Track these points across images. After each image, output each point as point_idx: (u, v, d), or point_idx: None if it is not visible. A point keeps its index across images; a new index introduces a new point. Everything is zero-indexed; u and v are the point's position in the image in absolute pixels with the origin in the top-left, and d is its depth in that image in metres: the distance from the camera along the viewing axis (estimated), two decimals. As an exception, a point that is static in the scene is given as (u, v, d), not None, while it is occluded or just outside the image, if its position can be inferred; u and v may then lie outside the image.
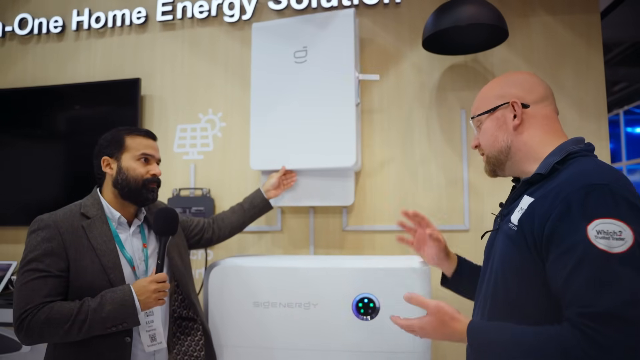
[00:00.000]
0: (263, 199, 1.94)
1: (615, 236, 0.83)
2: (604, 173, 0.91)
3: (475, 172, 2.12)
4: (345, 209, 2.19)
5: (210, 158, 2.34)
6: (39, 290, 1.30)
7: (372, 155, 2.20)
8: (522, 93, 1.08)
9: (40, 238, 1.35)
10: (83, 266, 1.36)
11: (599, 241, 0.83)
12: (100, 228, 1.42)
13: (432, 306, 1.07)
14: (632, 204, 0.86)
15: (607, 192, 0.86)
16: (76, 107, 2.46)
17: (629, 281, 0.81)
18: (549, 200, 0.92)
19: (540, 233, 0.92)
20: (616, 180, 0.89)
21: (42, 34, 2.59)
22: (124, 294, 1.34)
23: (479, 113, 1.13)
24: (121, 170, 1.46)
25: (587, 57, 2.10)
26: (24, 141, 2.54)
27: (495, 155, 1.10)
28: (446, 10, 1.86)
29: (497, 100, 1.10)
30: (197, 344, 1.62)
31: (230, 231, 1.91)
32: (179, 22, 2.44)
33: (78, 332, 1.29)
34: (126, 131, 1.51)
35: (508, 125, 1.07)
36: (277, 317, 1.75)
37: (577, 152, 0.99)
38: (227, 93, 2.35)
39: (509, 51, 2.13)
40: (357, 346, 1.69)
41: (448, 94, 2.17)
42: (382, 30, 2.24)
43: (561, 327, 0.86)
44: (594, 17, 2.10)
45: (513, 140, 1.07)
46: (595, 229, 0.84)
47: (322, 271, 1.76)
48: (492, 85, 1.15)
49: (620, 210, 0.85)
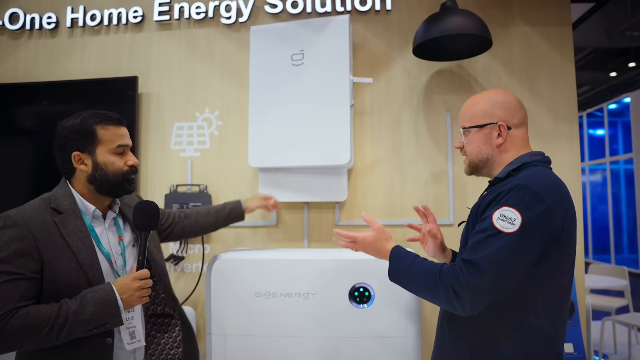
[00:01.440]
0: (240, 213, 1.91)
1: (510, 221, 1.13)
2: (533, 178, 1.19)
3: (459, 171, 2.27)
4: (338, 205, 2.32)
5: (207, 155, 2.42)
6: (10, 294, 1.18)
7: (364, 154, 2.33)
8: (507, 116, 1.31)
9: (7, 237, 1.22)
10: (58, 266, 1.25)
11: (499, 222, 1.14)
12: (75, 223, 1.31)
13: (377, 226, 1.40)
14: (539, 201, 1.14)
15: (523, 190, 1.15)
16: (71, 104, 2.49)
17: (497, 249, 1.12)
18: (493, 193, 1.21)
19: (480, 215, 1.22)
20: (538, 184, 1.16)
21: (34, 30, 2.59)
22: (106, 294, 1.25)
23: (469, 126, 1.35)
24: (98, 167, 1.34)
25: (560, 65, 2.28)
26: (16, 136, 2.55)
27: (476, 162, 1.35)
28: (436, 20, 2.01)
29: (485, 118, 1.32)
30: (175, 341, 1.54)
31: (201, 232, 1.89)
32: (176, 23, 2.50)
33: (57, 336, 1.19)
34: (95, 120, 1.36)
35: (492, 142, 1.31)
36: (277, 307, 1.84)
37: (530, 162, 1.26)
38: (224, 93, 2.43)
39: (491, 58, 2.30)
40: (354, 332, 1.81)
41: (434, 97, 2.32)
42: (373, 36, 2.37)
43: (448, 265, 1.20)
44: (567, 29, 2.29)
45: (493, 154, 1.32)
46: (500, 213, 1.15)
47: (319, 263, 1.87)
48: (479, 101, 1.35)
49: (522, 204, 1.13)
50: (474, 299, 1.13)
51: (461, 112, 1.39)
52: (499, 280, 1.13)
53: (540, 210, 1.13)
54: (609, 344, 4.60)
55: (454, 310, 1.17)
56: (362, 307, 1.82)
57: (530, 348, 1.19)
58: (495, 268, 1.12)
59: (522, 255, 1.13)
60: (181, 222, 1.80)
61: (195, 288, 2.30)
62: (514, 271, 1.14)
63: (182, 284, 2.39)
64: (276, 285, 1.86)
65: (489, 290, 1.13)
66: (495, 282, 1.12)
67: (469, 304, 1.14)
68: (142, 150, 2.46)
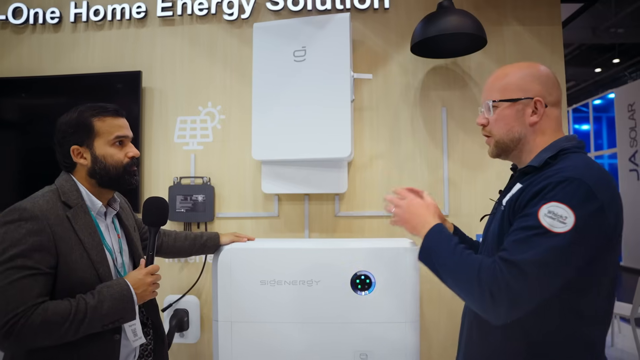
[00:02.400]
0: (216, 244, 1.90)
1: (560, 219, 0.98)
2: (583, 169, 1.04)
3: (454, 165, 2.37)
4: (338, 197, 2.40)
5: (210, 148, 2.48)
6: (30, 290, 1.15)
7: (362, 148, 2.41)
8: (544, 92, 1.14)
9: (24, 230, 1.18)
10: (72, 262, 1.24)
11: (545, 219, 0.99)
12: (84, 219, 1.30)
13: (429, 198, 1.34)
14: (592, 198, 0.99)
15: (575, 184, 1.00)
16: (75, 98, 2.52)
17: (545, 250, 0.98)
18: (536, 186, 1.06)
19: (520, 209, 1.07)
20: (590, 176, 1.01)
21: (37, 24, 2.62)
22: (122, 289, 1.26)
23: (500, 99, 1.16)
24: (97, 160, 1.32)
25: (551, 63, 2.38)
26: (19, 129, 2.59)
27: (506, 143, 1.18)
28: (433, 20, 2.09)
29: (519, 92, 1.14)
30: (146, 349, 1.50)
31: (175, 254, 1.86)
32: (179, 19, 2.55)
33: (75, 332, 1.19)
34: (92, 112, 1.34)
35: (526, 119, 1.14)
36: (282, 294, 1.91)
37: (568, 148, 1.11)
38: (226, 87, 2.50)
39: (485, 56, 2.39)
40: (355, 318, 1.89)
41: (431, 93, 2.41)
42: (372, 33, 2.45)
43: (488, 258, 1.05)
44: (557, 28, 2.40)
45: (526, 134, 1.15)
46: (547, 209, 0.99)
47: (322, 252, 1.94)
48: (513, 72, 1.17)
49: (574, 200, 0.99)
50: (512, 305, 0.99)
51: (488, 84, 1.21)
52: (541, 286, 0.99)
53: (595, 207, 0.99)
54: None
55: (485, 314, 1.03)
56: (364, 294, 1.90)
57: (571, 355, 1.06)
58: (541, 272, 0.98)
59: (572, 258, 0.99)
60: (161, 237, 1.79)
61: (199, 278, 2.36)
62: (560, 276, 1.00)
63: (186, 274, 2.46)
64: (281, 274, 1.92)
65: (529, 297, 0.99)
66: (537, 287, 0.99)
67: (505, 311, 1.00)
68: (146, 144, 2.51)
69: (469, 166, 2.36)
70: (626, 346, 4.52)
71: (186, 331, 2.35)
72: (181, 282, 2.44)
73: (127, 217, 1.53)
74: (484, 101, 1.22)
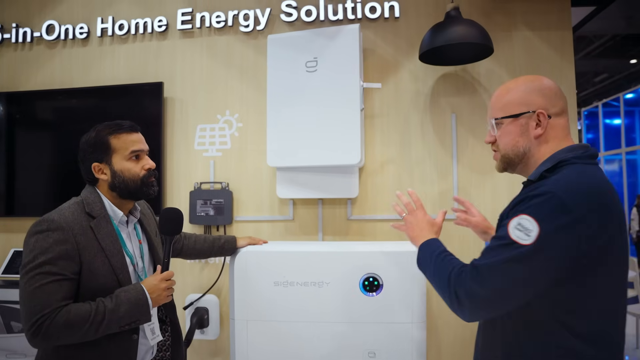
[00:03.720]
0: (233, 247, 2.03)
1: (527, 232, 1.01)
2: (564, 181, 1.05)
3: (464, 169, 2.42)
4: (350, 201, 2.49)
5: (228, 155, 2.61)
6: (55, 293, 1.27)
7: (374, 154, 2.49)
8: (546, 104, 1.15)
9: (52, 240, 1.30)
10: (94, 268, 1.35)
11: (515, 231, 1.03)
12: (106, 228, 1.41)
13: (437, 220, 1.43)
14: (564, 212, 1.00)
15: (546, 197, 1.02)
16: (103, 108, 2.69)
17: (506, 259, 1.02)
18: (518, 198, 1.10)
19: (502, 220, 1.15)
20: (568, 190, 1.02)
21: (68, 39, 2.80)
22: (138, 293, 1.36)
23: (502, 116, 1.19)
24: (116, 174, 1.44)
25: (561, 68, 2.40)
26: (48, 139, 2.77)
27: (512, 157, 1.20)
28: (440, 30, 2.14)
29: (521, 107, 1.16)
30: (164, 345, 1.64)
31: (195, 256, 1.99)
32: (198, 31, 2.68)
33: (95, 332, 1.30)
34: (108, 131, 1.45)
35: (530, 133, 1.16)
36: (294, 295, 2.01)
37: (567, 160, 1.11)
38: (243, 96, 2.61)
39: (494, 62, 2.43)
40: (364, 318, 1.97)
41: (441, 99, 2.46)
42: (383, 42, 2.51)
43: (459, 263, 1.14)
44: (567, 33, 2.41)
45: (531, 147, 1.17)
46: (518, 221, 1.03)
47: (333, 254, 2.03)
48: (514, 88, 1.20)
49: (542, 214, 1.01)
50: (474, 306, 1.06)
51: (492, 102, 1.24)
52: (502, 292, 1.04)
53: (563, 222, 1.00)
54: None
55: (455, 312, 1.11)
56: (372, 295, 1.98)
57: None
58: (498, 279, 1.03)
59: (534, 271, 1.01)
60: (181, 240, 1.92)
61: (218, 278, 2.49)
62: (523, 286, 1.03)
63: (206, 274, 2.59)
64: (293, 275, 2.02)
65: (489, 300, 1.05)
66: (497, 293, 1.04)
67: (470, 311, 1.07)
68: (167, 151, 2.66)
69: (479, 171, 2.41)
70: (650, 347, 4.45)
71: (206, 328, 2.49)
72: (202, 282, 2.58)
73: (149, 223, 1.65)
74: (489, 119, 1.25)
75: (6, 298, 2.57)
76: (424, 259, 1.27)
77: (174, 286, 1.49)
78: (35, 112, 2.78)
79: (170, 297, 1.46)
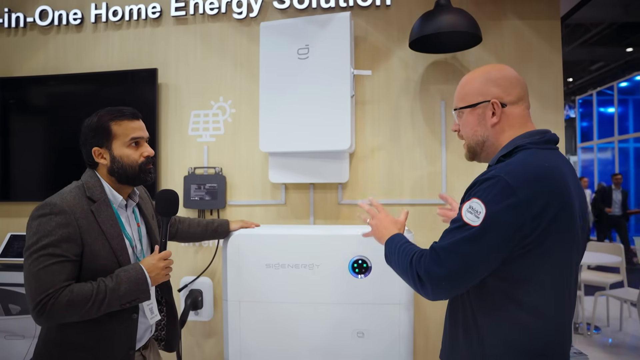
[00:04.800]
0: (226, 230, 2.08)
1: (476, 214, 1.10)
2: (513, 165, 1.13)
3: (452, 155, 2.47)
4: (341, 186, 2.54)
5: (222, 140, 2.65)
6: (59, 274, 1.32)
7: (364, 140, 2.54)
8: (501, 93, 1.22)
9: (55, 223, 1.34)
10: (95, 250, 1.40)
11: (466, 214, 1.11)
12: (106, 212, 1.45)
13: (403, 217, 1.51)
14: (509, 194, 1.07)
15: (493, 181, 1.10)
16: (98, 93, 2.71)
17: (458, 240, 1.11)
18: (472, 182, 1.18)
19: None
20: (514, 173, 1.10)
21: (61, 25, 2.81)
22: (137, 273, 1.41)
23: (461, 106, 1.28)
24: (115, 160, 1.47)
25: (549, 57, 2.45)
26: (43, 124, 2.80)
27: (473, 146, 1.28)
28: (430, 18, 2.18)
29: (478, 97, 1.24)
30: (159, 324, 1.71)
31: (189, 239, 2.04)
32: (191, 18, 2.70)
33: (97, 310, 1.35)
34: (110, 116, 1.48)
35: (487, 122, 1.23)
36: (285, 276, 2.07)
37: (522, 145, 1.18)
38: (236, 83, 2.65)
39: (484, 50, 2.47)
40: (353, 299, 2.04)
41: (430, 87, 2.50)
42: (374, 30, 2.55)
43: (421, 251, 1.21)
44: (555, 23, 2.45)
45: (489, 135, 1.24)
46: (469, 205, 1.11)
47: (323, 238, 2.09)
48: (473, 79, 1.27)
49: (489, 197, 1.08)
50: (434, 285, 1.14)
51: (455, 92, 1.32)
52: (457, 271, 1.11)
53: (508, 203, 1.07)
54: (602, 317, 4.83)
55: (420, 293, 1.19)
56: (361, 277, 2.05)
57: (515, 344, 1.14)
58: (454, 259, 1.11)
59: (484, 249, 1.09)
60: (176, 224, 1.98)
61: (212, 261, 2.55)
62: (476, 264, 1.11)
63: (200, 257, 2.65)
64: (284, 258, 2.07)
65: (446, 279, 1.12)
66: (453, 272, 1.11)
67: (432, 290, 1.15)
68: (162, 136, 2.70)
69: (467, 157, 2.46)
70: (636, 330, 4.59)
71: (200, 310, 2.55)
72: (196, 265, 2.64)
73: (146, 206, 1.70)
74: (452, 110, 1.34)
75: (4, 281, 2.62)
76: (389, 252, 1.35)
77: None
78: (30, 97, 2.80)
79: (168, 276, 1.52)
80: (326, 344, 2.06)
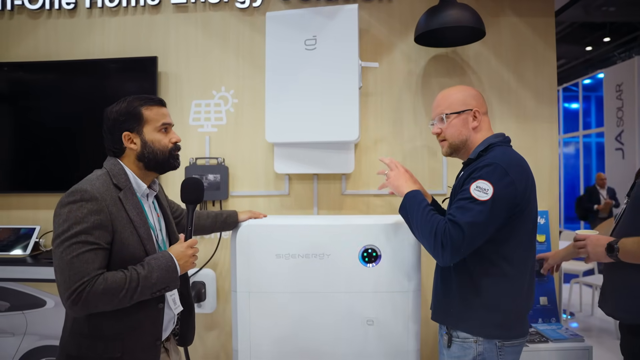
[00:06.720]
0: (235, 221, 2.07)
1: (484, 191, 1.45)
2: (500, 156, 1.50)
3: (452, 147, 2.54)
4: (344, 176, 2.57)
5: (224, 131, 2.63)
6: (92, 262, 1.30)
7: (368, 131, 2.58)
8: (478, 105, 1.63)
9: (86, 210, 1.33)
10: (124, 238, 1.38)
11: (475, 192, 1.46)
12: (132, 200, 1.44)
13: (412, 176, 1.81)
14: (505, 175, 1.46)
15: (493, 166, 1.47)
16: (95, 81, 2.63)
17: (475, 213, 1.44)
18: (469, 170, 1.53)
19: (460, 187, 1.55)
20: (504, 161, 1.48)
21: (53, 9, 2.71)
22: (167, 260, 1.41)
23: (449, 112, 1.63)
24: (147, 144, 1.47)
25: (544, 53, 2.54)
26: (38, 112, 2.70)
27: (457, 144, 1.64)
28: (436, 13, 2.23)
29: (462, 106, 1.62)
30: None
31: (199, 231, 2.01)
32: (192, 5, 2.66)
33: (130, 299, 1.33)
34: (139, 102, 1.48)
35: (469, 125, 1.62)
36: (295, 266, 2.08)
37: (495, 143, 1.57)
38: (239, 73, 2.63)
39: (483, 45, 2.54)
40: (363, 288, 2.07)
41: (432, 80, 2.56)
42: (377, 23, 2.58)
43: (441, 218, 1.52)
44: (550, 20, 2.55)
45: (469, 136, 1.63)
46: (476, 185, 1.46)
47: (333, 227, 2.11)
48: (454, 93, 1.65)
49: (493, 177, 1.45)
50: (453, 252, 1.47)
51: (436, 104, 1.67)
52: (474, 238, 1.46)
53: (506, 182, 1.45)
54: (575, 303, 5.07)
55: (436, 258, 1.53)
56: (371, 266, 2.09)
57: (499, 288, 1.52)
58: (473, 229, 1.45)
59: (493, 218, 1.45)
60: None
61: (215, 252, 2.54)
62: (485, 231, 1.46)
63: (202, 249, 2.62)
64: (295, 248, 2.08)
65: (465, 246, 1.46)
66: (470, 240, 1.45)
67: (450, 256, 1.48)
68: (161, 126, 2.64)
69: (466, 149, 2.53)
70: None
71: (203, 302, 2.54)
72: (198, 256, 2.61)
73: (163, 198, 1.69)
74: (436, 116, 1.67)
75: (-9, 277, 2.52)
76: (410, 206, 1.63)
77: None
78: (18, 84, 2.69)
79: (195, 264, 1.52)
80: (336, 332, 2.09)
